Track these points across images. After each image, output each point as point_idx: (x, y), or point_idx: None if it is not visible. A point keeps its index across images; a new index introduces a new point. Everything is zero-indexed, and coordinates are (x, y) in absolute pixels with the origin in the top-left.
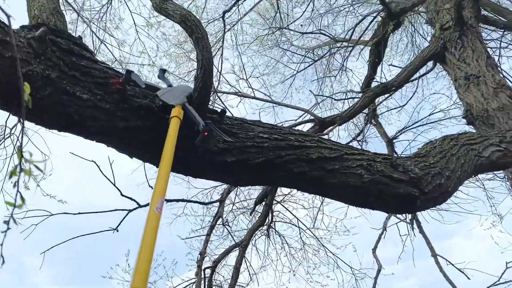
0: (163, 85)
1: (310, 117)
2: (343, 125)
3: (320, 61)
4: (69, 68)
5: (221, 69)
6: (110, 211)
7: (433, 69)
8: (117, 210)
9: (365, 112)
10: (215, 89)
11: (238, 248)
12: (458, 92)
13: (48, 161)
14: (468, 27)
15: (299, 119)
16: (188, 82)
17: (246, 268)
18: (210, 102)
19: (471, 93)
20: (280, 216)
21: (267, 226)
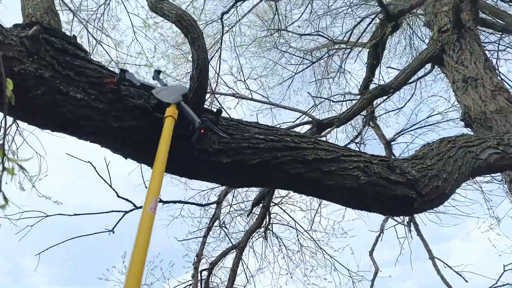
0: (159, 86)
1: (308, 119)
2: (341, 127)
3: (318, 63)
4: (63, 67)
5: (219, 70)
6: (106, 212)
7: (431, 72)
8: (113, 211)
9: (363, 114)
10: (212, 90)
11: (235, 250)
12: (456, 94)
13: (44, 162)
14: (466, 30)
15: (296, 120)
16: (186, 83)
17: (243, 270)
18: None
19: (469, 95)
20: (278, 218)
21: (264, 228)
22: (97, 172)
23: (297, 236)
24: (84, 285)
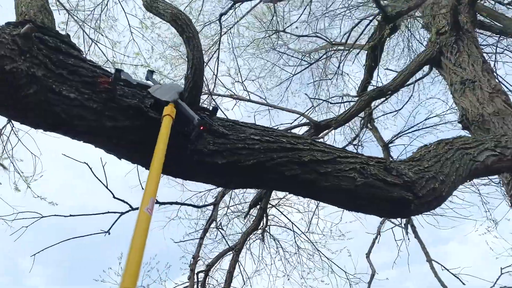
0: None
1: (306, 120)
2: (339, 129)
3: (317, 65)
4: (56, 66)
5: (217, 72)
6: (102, 213)
7: (429, 74)
8: (109, 212)
9: (361, 116)
10: (210, 91)
11: (232, 252)
12: (453, 96)
13: (39, 162)
14: (464, 32)
15: (294, 122)
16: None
17: (240, 272)
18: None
19: (466, 97)
20: (275, 220)
21: (261, 230)
22: (93, 173)
23: (295, 238)
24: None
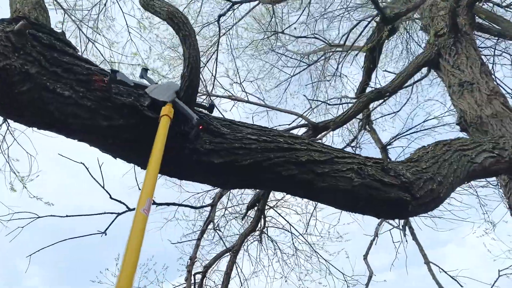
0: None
1: (304, 122)
2: (337, 131)
3: (315, 67)
4: (50, 64)
5: (215, 73)
6: (99, 214)
7: (427, 76)
8: (106, 213)
9: (359, 118)
10: (208, 92)
11: (229, 253)
12: (452, 98)
13: (35, 162)
14: (462, 34)
15: (292, 123)
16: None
17: (237, 274)
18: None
19: (465, 99)
20: (273, 222)
21: (259, 231)
22: (89, 173)
23: (292, 239)
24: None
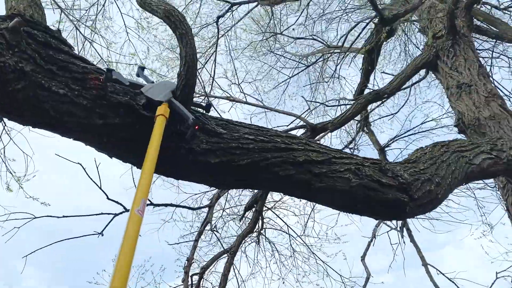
0: (146, 83)
1: (302, 123)
2: (335, 132)
3: (314, 68)
4: (46, 61)
5: (214, 74)
6: (95, 214)
7: (425, 78)
8: (102, 214)
9: (357, 119)
10: (207, 93)
11: (226, 255)
12: (450, 100)
13: (31, 162)
14: (460, 36)
15: (290, 124)
16: None
17: (234, 275)
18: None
19: (462, 101)
20: (271, 223)
21: (257, 232)
22: (86, 174)
23: (290, 241)
24: None
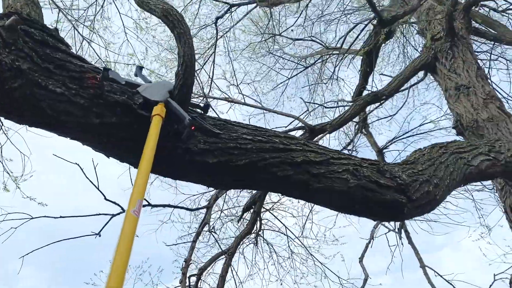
0: (144, 83)
1: (301, 124)
2: (334, 134)
3: (312, 70)
4: (43, 60)
5: (212, 75)
6: (93, 215)
7: (424, 80)
8: (100, 214)
9: (355, 121)
10: (205, 94)
11: (224, 256)
12: (448, 102)
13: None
14: (459, 38)
15: (289, 126)
16: None
17: (232, 277)
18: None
19: (461, 103)
20: (269, 224)
21: (255, 234)
22: (84, 174)
23: (288, 242)
24: None
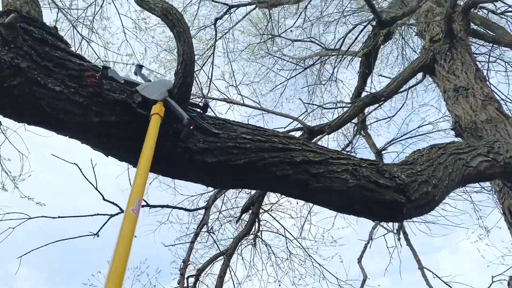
0: (143, 82)
1: (299, 125)
2: (332, 135)
3: (311, 71)
4: (42, 58)
5: (211, 76)
6: (91, 215)
7: (422, 81)
8: (98, 214)
9: (354, 122)
10: (204, 95)
11: (223, 257)
12: (447, 104)
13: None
14: (457, 40)
15: (288, 127)
16: None
17: (230, 278)
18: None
19: (459, 105)
20: (267, 225)
21: (253, 235)
22: (83, 174)
23: (286, 243)
24: None
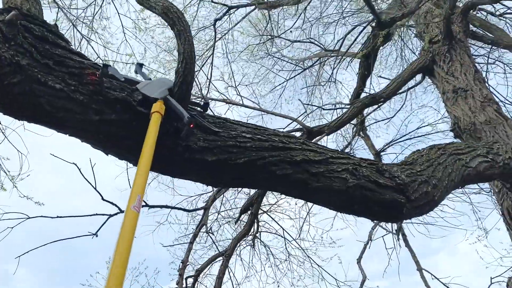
0: (143, 80)
1: (299, 126)
2: (331, 136)
3: (310, 72)
4: (42, 56)
5: (210, 76)
6: (90, 215)
7: (422, 83)
8: (97, 214)
9: (353, 123)
10: (203, 95)
11: (221, 258)
12: (446, 105)
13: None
14: (456, 41)
15: (287, 128)
16: None
17: (229, 278)
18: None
19: (458, 106)
20: (266, 226)
21: (252, 236)
22: (82, 174)
23: (285, 244)
24: None
